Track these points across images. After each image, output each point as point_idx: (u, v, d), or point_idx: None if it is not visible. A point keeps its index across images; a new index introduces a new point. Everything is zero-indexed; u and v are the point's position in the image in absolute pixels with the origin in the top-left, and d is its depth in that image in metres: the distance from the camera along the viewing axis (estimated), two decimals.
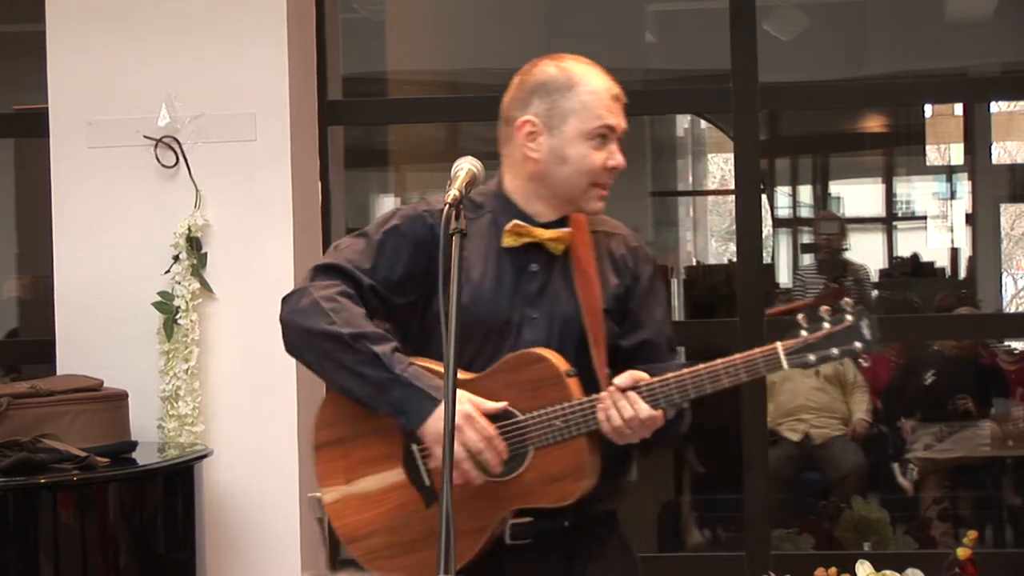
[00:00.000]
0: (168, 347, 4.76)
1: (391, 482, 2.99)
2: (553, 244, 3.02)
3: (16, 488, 4.05)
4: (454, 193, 2.75)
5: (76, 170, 4.87)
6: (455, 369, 2.62)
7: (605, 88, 3.03)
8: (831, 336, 2.84)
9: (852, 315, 2.84)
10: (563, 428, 2.88)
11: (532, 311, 3.00)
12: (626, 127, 3.06)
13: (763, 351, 2.86)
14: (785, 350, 2.84)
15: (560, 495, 2.90)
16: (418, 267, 2.99)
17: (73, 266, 4.88)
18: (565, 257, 3.04)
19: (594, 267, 3.05)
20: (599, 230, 3.11)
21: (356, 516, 3.01)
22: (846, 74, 9.48)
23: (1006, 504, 7.45)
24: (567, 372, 2.91)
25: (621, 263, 3.11)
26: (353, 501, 3.01)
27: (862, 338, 2.84)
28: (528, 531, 2.97)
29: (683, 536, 7.44)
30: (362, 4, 8.25)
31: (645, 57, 9.73)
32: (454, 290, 2.65)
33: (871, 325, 2.84)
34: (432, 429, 2.86)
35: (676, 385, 2.87)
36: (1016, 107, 12.14)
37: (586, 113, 2.99)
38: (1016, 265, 17.00)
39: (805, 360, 2.84)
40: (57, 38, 4.91)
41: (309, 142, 5.05)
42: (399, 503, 2.98)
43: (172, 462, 4.43)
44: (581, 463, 2.89)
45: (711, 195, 17.13)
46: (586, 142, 2.99)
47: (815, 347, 2.84)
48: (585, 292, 3.01)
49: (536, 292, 3.02)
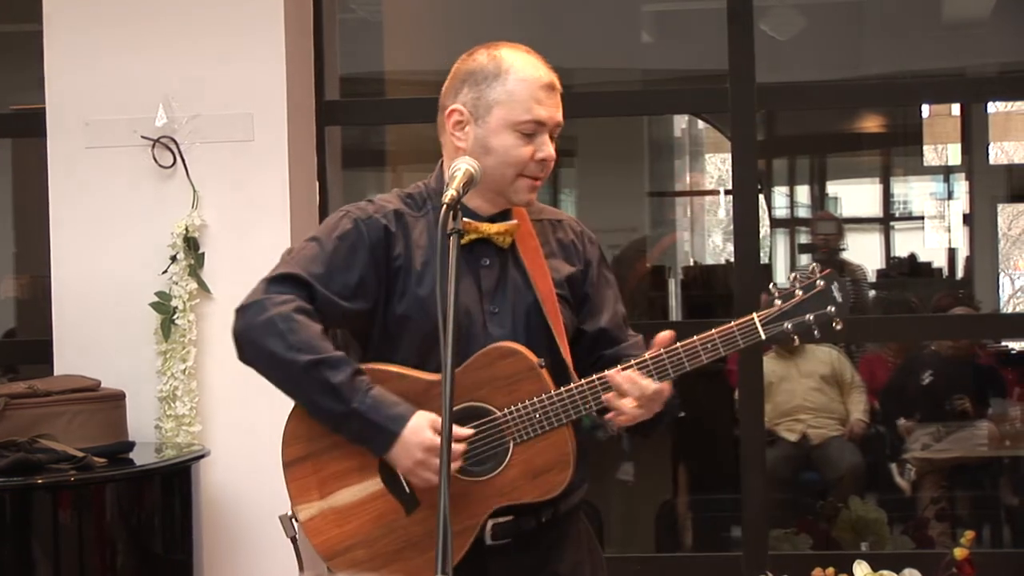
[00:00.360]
0: (165, 347, 4.76)
1: (368, 492, 2.93)
2: (499, 237, 2.97)
3: (13, 488, 4.05)
4: (452, 193, 2.71)
5: (73, 170, 4.87)
6: (452, 371, 2.57)
7: (535, 78, 2.95)
8: (803, 303, 2.85)
9: (822, 280, 2.86)
10: (543, 421, 2.85)
11: (492, 306, 2.96)
12: (560, 120, 2.98)
13: (740, 323, 2.85)
14: (761, 320, 2.85)
15: (546, 488, 2.87)
16: (374, 270, 2.94)
17: (70, 266, 4.88)
18: (513, 249, 3.00)
19: (542, 256, 3.02)
20: (543, 219, 3.09)
21: (335, 530, 2.94)
22: (843, 74, 9.47)
23: (1003, 504, 7.45)
24: (539, 363, 2.88)
25: (572, 248, 3.08)
26: (330, 515, 2.94)
27: (834, 301, 2.85)
28: (509, 530, 2.94)
29: (681, 536, 7.44)
30: (359, 4, 8.24)
31: (642, 57, 9.72)
32: (451, 291, 2.62)
33: (841, 288, 2.85)
34: (399, 461, 2.83)
35: (654, 364, 2.85)
36: (1013, 107, 12.16)
37: (512, 104, 2.92)
38: (1013, 265, 17.01)
39: (782, 329, 2.85)
40: (54, 38, 4.91)
41: (306, 142, 5.05)
42: (378, 513, 2.93)
43: (169, 462, 4.43)
44: (565, 454, 2.87)
45: (708, 195, 17.13)
46: (511, 133, 2.92)
47: (789, 315, 2.85)
48: (540, 282, 2.98)
49: (493, 286, 2.97)
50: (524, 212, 3.04)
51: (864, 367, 7.94)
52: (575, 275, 3.05)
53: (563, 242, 3.07)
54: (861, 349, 8.34)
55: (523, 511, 2.93)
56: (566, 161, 11.69)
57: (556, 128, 2.98)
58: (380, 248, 2.94)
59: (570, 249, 3.07)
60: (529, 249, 3.01)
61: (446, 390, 2.57)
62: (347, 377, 2.83)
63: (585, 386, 2.86)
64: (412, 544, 2.89)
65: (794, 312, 2.85)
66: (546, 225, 3.08)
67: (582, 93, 6.50)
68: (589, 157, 10.85)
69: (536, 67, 2.97)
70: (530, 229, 3.03)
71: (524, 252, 3.00)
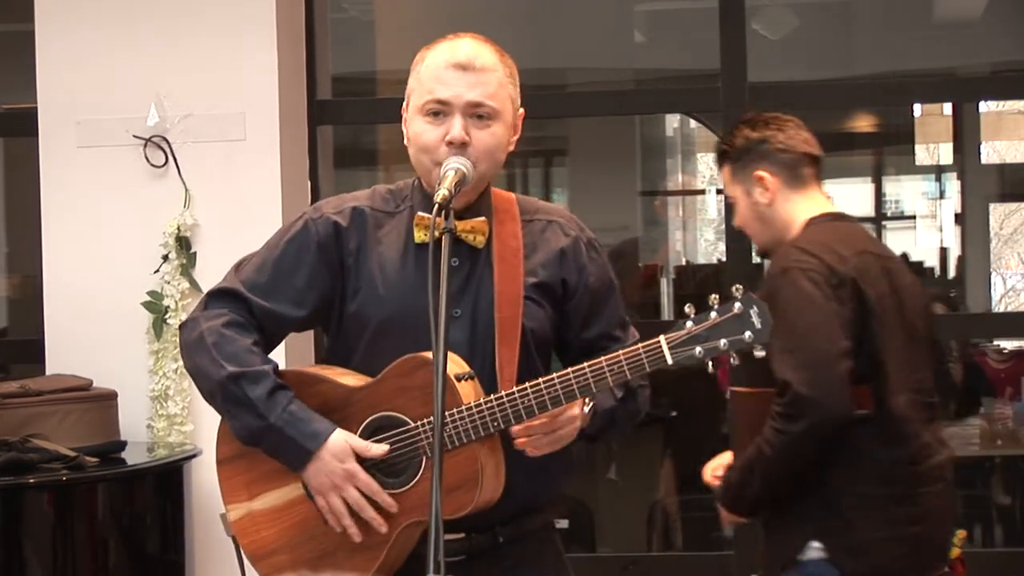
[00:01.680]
0: (157, 346, 4.76)
1: (291, 497, 2.84)
2: (469, 235, 2.84)
3: (5, 488, 4.05)
4: (443, 193, 2.68)
5: (65, 170, 4.87)
6: (444, 374, 2.53)
7: (444, 59, 2.81)
8: (718, 327, 2.58)
9: (740, 302, 2.58)
10: (452, 436, 2.69)
11: (455, 308, 2.81)
12: (473, 99, 2.79)
13: (647, 345, 2.64)
14: (669, 343, 2.61)
15: (455, 506, 2.69)
16: (326, 268, 2.87)
17: (62, 266, 4.88)
18: (488, 249, 2.86)
19: (520, 259, 2.86)
20: (535, 219, 2.93)
21: (261, 533, 2.88)
22: (835, 74, 9.48)
23: (995, 503, 7.46)
24: (458, 376, 2.71)
25: (562, 253, 2.91)
26: (257, 517, 2.88)
27: (751, 326, 2.56)
28: (461, 547, 2.83)
29: (671, 536, 7.44)
30: (351, 4, 8.24)
31: (634, 57, 9.72)
32: (443, 292, 2.59)
33: (761, 312, 2.57)
34: (313, 480, 2.76)
35: (562, 385, 2.66)
36: (1005, 107, 12.14)
37: (420, 88, 2.83)
38: (1005, 264, 17.02)
39: (691, 354, 2.59)
40: (46, 37, 4.91)
41: (298, 142, 5.05)
42: (301, 518, 2.84)
43: (161, 462, 4.43)
44: (473, 472, 2.70)
45: (700, 195, 17.11)
46: (421, 118, 2.82)
47: (701, 339, 2.58)
48: (506, 286, 2.83)
49: (459, 288, 2.82)
50: (513, 211, 2.92)
51: None
52: (562, 281, 2.90)
53: (551, 245, 2.92)
54: None
55: (477, 527, 2.82)
56: (558, 160, 11.71)
57: (471, 108, 2.79)
58: (331, 246, 2.87)
59: (559, 253, 2.91)
60: (507, 250, 2.87)
61: (437, 391, 2.54)
62: (265, 391, 2.77)
63: (495, 403, 2.70)
64: (329, 553, 2.81)
65: (707, 336, 2.58)
66: (535, 225, 2.93)
67: (574, 93, 6.51)
68: (581, 156, 10.85)
69: (451, 49, 2.83)
70: (515, 230, 2.90)
71: (499, 253, 2.86)
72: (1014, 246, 16.91)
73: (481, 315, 2.83)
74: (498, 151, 2.85)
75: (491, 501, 2.76)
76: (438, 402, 2.46)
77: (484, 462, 2.72)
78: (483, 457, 2.72)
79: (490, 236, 2.87)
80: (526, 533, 2.91)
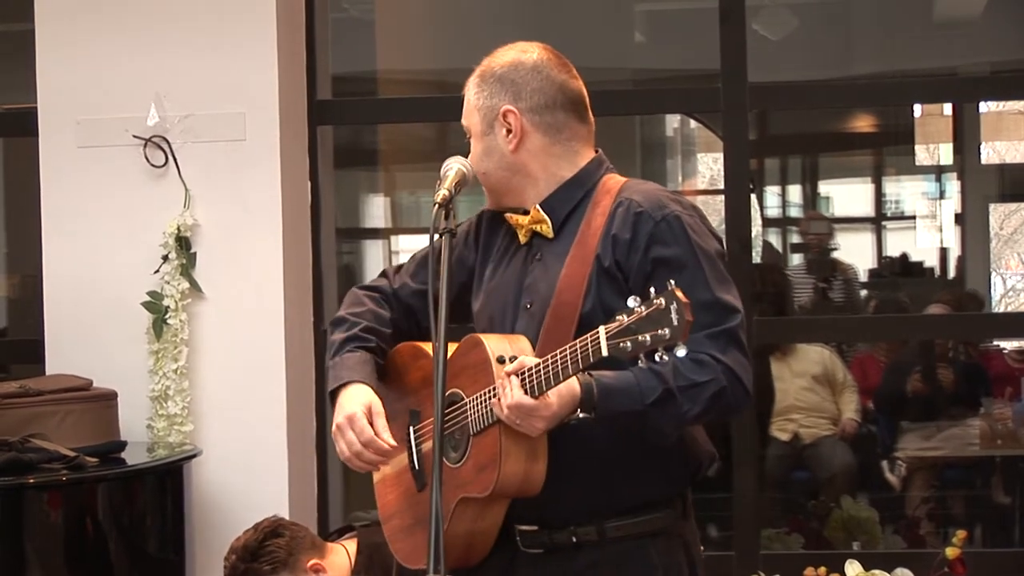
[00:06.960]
0: (157, 347, 4.76)
1: (401, 466, 3.01)
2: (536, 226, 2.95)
3: (5, 488, 4.05)
4: (444, 193, 2.71)
5: (65, 170, 4.87)
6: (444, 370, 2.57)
7: None
8: (642, 321, 2.55)
9: (662, 299, 2.54)
10: (481, 416, 2.79)
11: (528, 300, 2.91)
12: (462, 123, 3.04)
13: (590, 335, 2.62)
14: (607, 334, 2.59)
15: (482, 485, 2.78)
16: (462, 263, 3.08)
17: (62, 266, 4.88)
18: (560, 239, 2.91)
19: (592, 244, 2.87)
20: (621, 199, 2.91)
21: (387, 497, 3.08)
22: (835, 74, 9.47)
23: (995, 503, 7.45)
24: (500, 358, 2.77)
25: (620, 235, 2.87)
26: (387, 481, 3.08)
27: (670, 323, 2.51)
28: (536, 541, 2.89)
29: None
30: (352, 3, 8.23)
31: (634, 57, 9.72)
32: (443, 290, 2.61)
33: (679, 310, 2.51)
34: (337, 405, 2.98)
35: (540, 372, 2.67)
36: (1005, 107, 12.12)
37: None
38: (1005, 265, 17.01)
39: (622, 346, 2.57)
40: (46, 37, 4.91)
41: (298, 142, 5.05)
42: (405, 487, 3.00)
43: (161, 462, 4.44)
44: (494, 452, 2.76)
45: (700, 195, 17.13)
46: None
47: (629, 331, 2.56)
48: (571, 269, 2.86)
49: (533, 280, 2.93)
50: (610, 196, 2.91)
51: (856, 367, 7.95)
52: (616, 263, 2.86)
53: (615, 226, 2.87)
54: (853, 349, 8.35)
55: (553, 524, 2.86)
56: None
57: (467, 132, 3.03)
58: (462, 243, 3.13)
59: (616, 234, 2.86)
60: (584, 237, 2.88)
61: (438, 386, 2.56)
62: (342, 339, 3.05)
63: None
64: (419, 522, 2.90)
65: (634, 329, 2.55)
66: (619, 208, 2.89)
67: None
68: None
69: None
70: (601, 217, 2.89)
71: (579, 240, 2.87)
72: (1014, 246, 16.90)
73: (543, 303, 2.89)
74: (483, 158, 2.97)
75: (523, 483, 2.78)
76: (438, 402, 2.51)
77: (506, 442, 2.75)
78: (503, 438, 2.75)
79: (577, 225, 2.91)
80: (609, 539, 2.88)
